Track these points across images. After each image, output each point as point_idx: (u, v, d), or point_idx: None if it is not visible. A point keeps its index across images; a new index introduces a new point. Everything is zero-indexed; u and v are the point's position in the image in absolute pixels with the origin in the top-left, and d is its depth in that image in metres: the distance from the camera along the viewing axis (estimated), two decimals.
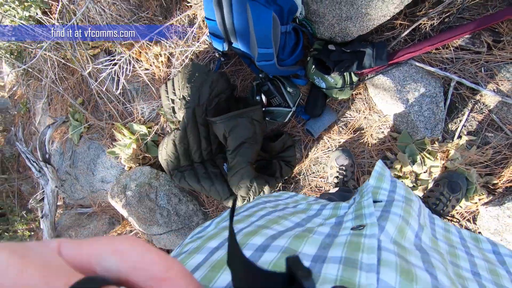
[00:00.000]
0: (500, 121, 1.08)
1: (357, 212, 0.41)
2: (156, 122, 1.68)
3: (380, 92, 1.19)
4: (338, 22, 1.06)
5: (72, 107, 1.98)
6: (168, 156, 1.30)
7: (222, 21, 1.03)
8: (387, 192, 0.49)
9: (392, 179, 0.54)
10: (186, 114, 1.20)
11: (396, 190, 0.50)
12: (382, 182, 0.51)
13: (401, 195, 0.49)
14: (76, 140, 1.99)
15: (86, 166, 1.95)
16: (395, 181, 0.54)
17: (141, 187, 1.59)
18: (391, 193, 0.49)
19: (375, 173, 0.53)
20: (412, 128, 1.15)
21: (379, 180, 0.52)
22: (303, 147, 1.41)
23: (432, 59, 1.12)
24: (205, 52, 1.50)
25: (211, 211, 1.62)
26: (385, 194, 0.48)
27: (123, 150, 1.68)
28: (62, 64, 1.86)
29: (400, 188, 0.51)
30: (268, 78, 1.25)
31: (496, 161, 1.09)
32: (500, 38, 1.03)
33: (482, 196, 1.11)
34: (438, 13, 1.08)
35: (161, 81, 1.62)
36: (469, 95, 1.11)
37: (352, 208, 0.45)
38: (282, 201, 0.59)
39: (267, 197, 0.61)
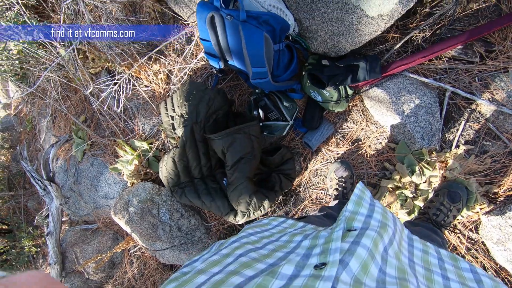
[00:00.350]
0: (497, 129, 1.08)
1: (325, 246, 0.42)
2: (157, 138, 1.71)
3: (375, 104, 1.20)
4: (330, 38, 1.08)
5: (75, 125, 2.02)
6: (168, 173, 1.32)
7: (216, 41, 1.05)
8: (363, 218, 0.50)
9: (371, 201, 0.55)
10: (184, 131, 1.22)
11: (373, 215, 0.51)
12: (360, 207, 0.52)
13: (377, 219, 0.49)
14: (79, 157, 2.02)
15: (90, 182, 1.98)
16: (374, 204, 0.54)
17: (143, 203, 1.60)
18: (368, 218, 0.50)
19: (354, 196, 0.54)
20: (410, 139, 1.16)
21: (357, 204, 0.53)
22: (302, 160, 1.41)
23: (426, 70, 1.13)
24: (203, 68, 1.53)
25: (213, 225, 1.62)
26: (361, 221, 0.49)
27: (125, 166, 1.71)
28: (64, 84, 1.91)
29: (378, 213, 0.51)
30: (264, 93, 1.26)
31: (495, 170, 1.09)
32: (492, 48, 1.04)
33: (483, 205, 1.10)
34: (430, 25, 1.09)
35: (160, 97, 1.65)
36: (465, 104, 1.12)
37: (323, 239, 0.46)
38: (268, 231, 0.59)
39: (254, 227, 0.61)
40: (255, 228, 0.61)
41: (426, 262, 0.46)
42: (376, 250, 0.41)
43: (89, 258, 1.93)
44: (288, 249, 0.48)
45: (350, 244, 0.42)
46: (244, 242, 0.52)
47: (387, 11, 0.92)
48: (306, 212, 1.41)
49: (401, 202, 1.20)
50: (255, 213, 1.25)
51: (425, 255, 0.48)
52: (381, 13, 0.93)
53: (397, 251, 0.45)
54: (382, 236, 0.44)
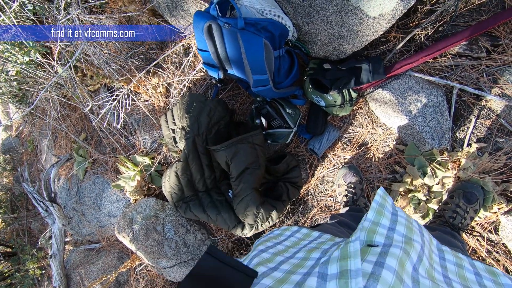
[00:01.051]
0: (509, 125, 1.04)
1: (343, 264, 0.37)
2: (159, 152, 1.68)
3: (381, 105, 1.16)
4: (331, 41, 1.06)
5: (75, 143, 2.00)
6: (172, 188, 1.28)
7: (215, 51, 1.03)
8: (385, 231, 0.45)
9: (393, 210, 0.50)
10: (186, 144, 1.19)
11: (395, 228, 0.46)
12: (382, 216, 0.47)
13: (401, 233, 0.45)
14: (81, 176, 1.99)
15: (93, 201, 1.94)
16: (397, 213, 0.49)
17: (148, 220, 1.56)
18: (390, 231, 0.45)
19: (375, 204, 0.49)
20: (419, 140, 1.12)
21: (378, 213, 0.48)
22: (308, 167, 1.38)
23: (430, 68, 1.10)
24: (202, 79, 1.51)
25: (220, 239, 1.58)
26: (383, 234, 0.44)
27: (128, 183, 1.67)
28: (64, 103, 1.90)
29: (401, 225, 0.47)
30: (266, 101, 1.24)
31: (511, 167, 1.05)
32: (498, 42, 1.01)
33: (501, 205, 1.05)
34: (432, 22, 1.07)
35: (160, 111, 1.62)
36: (474, 101, 1.08)
37: (339, 251, 0.40)
38: (281, 244, 0.55)
39: (265, 241, 0.56)
40: (267, 242, 0.57)
41: (463, 278, 0.42)
42: (403, 271, 0.37)
43: (94, 279, 1.88)
44: (305, 269, 0.44)
45: (374, 266, 0.37)
46: (255, 263, 0.48)
47: (389, 10, 0.90)
48: (316, 221, 1.36)
49: (414, 205, 1.16)
50: (263, 225, 1.20)
51: (460, 269, 0.44)
52: (382, 13, 0.90)
53: (428, 268, 0.41)
54: (409, 253, 0.40)
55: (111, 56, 1.48)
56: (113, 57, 1.48)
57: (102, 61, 1.43)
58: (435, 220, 1.10)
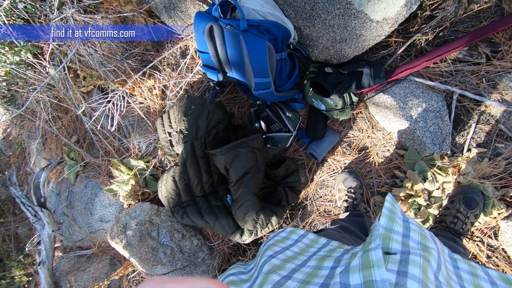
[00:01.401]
0: (509, 130, 1.04)
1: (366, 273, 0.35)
2: (154, 155, 1.64)
3: (381, 110, 1.16)
4: (332, 45, 1.05)
5: (67, 146, 1.94)
6: (169, 193, 1.25)
7: (215, 53, 1.01)
8: (400, 238, 0.44)
9: (404, 217, 0.49)
10: (185, 148, 1.16)
11: (410, 235, 0.45)
12: (394, 223, 0.46)
13: (416, 240, 0.43)
14: (72, 180, 1.93)
15: (84, 205, 1.88)
16: (408, 220, 0.48)
17: (142, 225, 1.51)
18: (405, 238, 0.44)
19: (386, 210, 0.48)
20: (420, 145, 1.11)
21: (390, 220, 0.46)
22: (307, 171, 1.36)
23: (431, 73, 1.11)
24: (200, 82, 1.48)
25: (216, 245, 1.54)
26: (399, 241, 0.43)
27: (121, 187, 1.63)
28: (55, 104, 1.84)
29: (415, 232, 0.45)
30: (266, 104, 1.22)
31: (510, 172, 1.05)
32: (497, 48, 1.02)
33: (501, 210, 1.06)
34: (432, 28, 1.07)
35: (156, 114, 1.59)
36: (473, 106, 1.09)
37: (359, 259, 0.39)
38: (289, 250, 0.53)
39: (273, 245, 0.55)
40: (274, 247, 0.55)
41: (478, 287, 0.41)
42: (427, 279, 0.35)
43: (85, 286, 1.82)
44: (320, 278, 0.42)
45: (397, 276, 0.35)
46: (266, 271, 0.46)
47: (392, 14, 0.89)
48: (315, 226, 1.35)
49: (415, 211, 1.15)
50: (263, 231, 1.18)
51: (475, 278, 0.42)
52: (386, 17, 0.90)
53: (446, 276, 0.39)
54: (429, 261, 0.38)
55: (106, 57, 1.44)
56: (108, 58, 1.44)
57: (97, 62, 1.39)
58: (435, 225, 1.10)
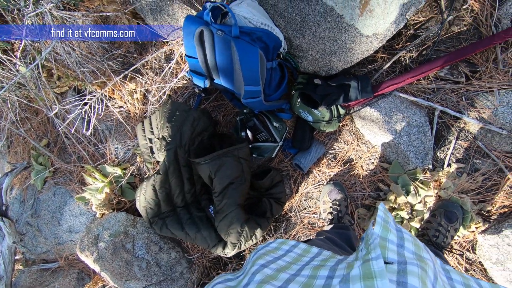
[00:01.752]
0: (486, 147, 1.09)
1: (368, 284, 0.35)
2: (132, 162, 1.56)
3: (367, 123, 1.18)
4: (322, 57, 1.05)
5: (35, 150, 1.80)
6: (148, 202, 1.18)
7: (204, 58, 0.98)
8: (395, 247, 0.43)
9: (396, 226, 0.49)
10: (167, 156, 1.10)
11: (404, 244, 0.44)
12: (388, 232, 0.46)
13: (411, 250, 0.43)
14: (39, 186, 1.78)
15: (51, 214, 1.74)
16: (401, 229, 0.48)
17: (116, 237, 1.42)
18: (400, 248, 0.43)
19: (380, 219, 0.47)
20: (403, 159, 1.14)
21: (384, 228, 0.46)
22: (292, 182, 1.34)
23: (414, 89, 1.14)
24: (184, 87, 1.43)
25: (196, 258, 1.47)
26: (394, 251, 0.42)
27: (95, 195, 1.52)
28: (24, 105, 1.71)
29: (409, 242, 0.45)
30: (253, 113, 1.20)
31: (487, 188, 1.09)
32: (476, 69, 1.07)
33: (478, 224, 1.09)
34: (416, 46, 1.11)
35: (136, 119, 1.52)
36: (454, 123, 1.13)
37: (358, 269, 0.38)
38: (281, 260, 0.51)
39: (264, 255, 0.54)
40: (265, 256, 0.53)
41: None
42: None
43: None
44: (319, 284, 0.40)
45: (397, 286, 0.35)
46: (258, 280, 0.43)
47: (382, 30, 0.91)
48: (299, 238, 1.32)
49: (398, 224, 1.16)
50: (246, 244, 1.14)
51: None
52: (375, 32, 0.92)
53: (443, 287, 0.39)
54: (426, 271, 0.38)
55: (85, 57, 1.36)
56: (88, 58, 1.37)
57: (74, 61, 1.31)
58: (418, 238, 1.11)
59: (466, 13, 1.06)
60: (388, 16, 0.88)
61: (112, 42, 1.50)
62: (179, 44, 1.39)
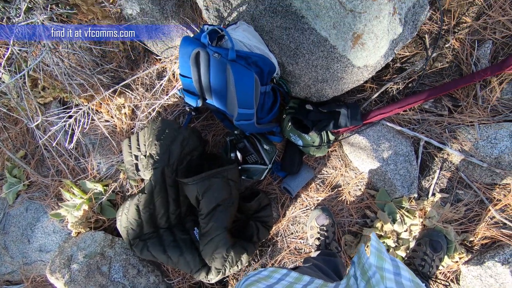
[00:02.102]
0: (467, 178, 1.13)
1: None
2: (115, 179, 1.50)
3: (355, 150, 1.20)
4: (314, 84, 1.08)
5: (10, 161, 1.70)
6: (129, 223, 1.12)
7: (198, 79, 0.98)
8: (392, 276, 0.43)
9: (390, 256, 0.49)
10: (154, 175, 1.07)
11: (401, 273, 0.45)
12: (384, 261, 0.46)
13: (408, 278, 0.44)
14: (11, 200, 1.67)
15: (21, 231, 1.62)
16: (394, 258, 0.49)
17: (91, 258, 1.33)
18: (397, 277, 0.44)
19: (374, 249, 0.48)
20: (390, 186, 1.15)
21: (379, 258, 0.46)
22: (280, 206, 1.33)
23: (401, 119, 1.18)
24: (175, 105, 1.42)
25: (176, 283, 1.40)
26: (392, 280, 0.43)
27: (71, 212, 1.44)
28: (2, 113, 1.64)
29: (404, 270, 0.46)
30: (244, 135, 1.19)
31: (469, 218, 1.12)
32: (458, 103, 1.13)
33: (462, 254, 1.10)
34: (402, 78, 1.17)
35: (123, 134, 1.48)
36: (437, 153, 1.17)
37: None
38: None
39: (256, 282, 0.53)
40: (258, 283, 0.52)
41: None
42: None
43: None
44: None
45: None
46: None
47: (373, 62, 0.95)
48: (285, 264, 1.29)
49: None
50: (231, 270, 1.10)
51: None
52: (366, 64, 0.95)
53: None
54: None
55: (74, 69, 1.34)
56: (77, 70, 1.34)
57: (63, 72, 1.27)
58: None
59: (449, 51, 1.13)
60: (379, 50, 0.93)
61: (103, 56, 1.48)
62: (172, 62, 1.39)
